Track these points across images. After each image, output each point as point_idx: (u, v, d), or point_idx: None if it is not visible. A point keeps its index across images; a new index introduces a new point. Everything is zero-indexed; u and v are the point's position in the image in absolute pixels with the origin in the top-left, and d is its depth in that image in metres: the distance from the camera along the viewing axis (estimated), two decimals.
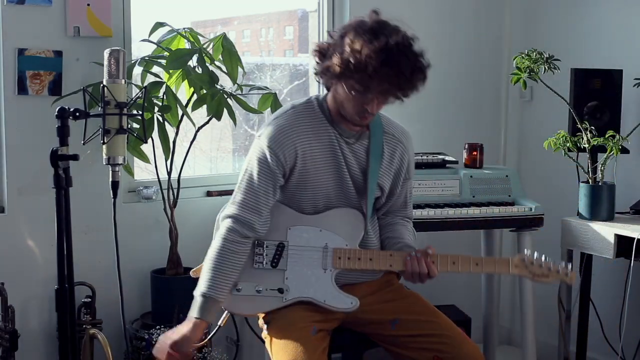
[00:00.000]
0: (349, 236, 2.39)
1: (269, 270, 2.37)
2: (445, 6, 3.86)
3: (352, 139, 2.40)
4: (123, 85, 2.53)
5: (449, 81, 3.86)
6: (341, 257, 2.36)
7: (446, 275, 3.89)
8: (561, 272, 2.41)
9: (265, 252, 2.37)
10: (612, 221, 3.08)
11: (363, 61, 2.18)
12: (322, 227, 2.39)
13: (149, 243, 3.27)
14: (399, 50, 2.19)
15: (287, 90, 3.76)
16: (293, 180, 2.38)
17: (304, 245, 2.38)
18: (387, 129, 2.47)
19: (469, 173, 3.25)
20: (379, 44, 2.18)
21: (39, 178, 2.97)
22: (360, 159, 2.41)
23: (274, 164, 2.32)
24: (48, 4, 2.98)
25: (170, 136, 3.08)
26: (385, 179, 2.46)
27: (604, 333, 3.40)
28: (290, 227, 2.39)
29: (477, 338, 3.59)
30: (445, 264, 2.39)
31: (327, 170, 2.38)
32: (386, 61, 2.17)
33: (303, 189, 2.39)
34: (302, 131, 2.36)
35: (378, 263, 2.37)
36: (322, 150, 2.37)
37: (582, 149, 3.11)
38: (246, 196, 2.34)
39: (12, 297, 2.86)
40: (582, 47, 3.61)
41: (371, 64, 2.17)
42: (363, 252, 2.38)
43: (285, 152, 2.33)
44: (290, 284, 2.36)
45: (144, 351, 3.00)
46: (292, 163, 2.35)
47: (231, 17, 3.73)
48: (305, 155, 2.35)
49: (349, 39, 2.22)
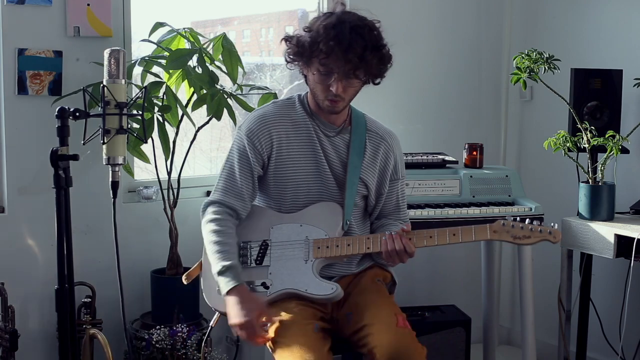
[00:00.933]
0: (328, 227, 2.46)
1: (254, 268, 2.44)
2: (446, 6, 3.86)
3: (332, 132, 2.48)
4: (123, 85, 2.53)
5: (449, 81, 3.86)
6: (320, 247, 2.42)
7: (446, 275, 3.93)
8: (543, 231, 2.34)
9: (250, 252, 2.45)
10: (612, 221, 3.08)
11: (315, 39, 2.30)
12: (302, 222, 2.46)
13: (149, 243, 3.27)
14: (351, 28, 2.30)
15: (287, 90, 3.75)
16: (271, 172, 2.46)
17: (286, 241, 2.45)
18: (370, 126, 2.54)
19: (469, 173, 3.25)
20: (330, 21, 2.31)
21: (39, 178, 2.97)
22: (340, 152, 2.48)
23: (252, 153, 2.44)
24: (48, 4, 2.98)
25: (170, 136, 3.08)
26: (369, 175, 2.50)
27: (604, 333, 3.41)
28: (273, 226, 2.47)
29: (477, 338, 3.60)
30: (422, 239, 2.39)
31: (306, 162, 2.46)
32: (336, 37, 2.28)
33: (283, 184, 2.47)
34: (279, 122, 2.46)
35: (356, 247, 2.41)
36: (300, 142, 2.46)
37: (582, 149, 3.11)
38: (227, 183, 2.46)
39: (12, 297, 2.86)
40: (582, 47, 3.61)
41: (322, 41, 2.28)
42: (341, 239, 2.43)
43: (262, 140, 2.44)
44: (273, 278, 2.42)
45: (144, 351, 3.00)
46: (269, 151, 2.45)
47: (231, 17, 3.73)
48: (281, 145, 2.44)
49: (310, 22, 2.37)
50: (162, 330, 2.98)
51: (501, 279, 4.03)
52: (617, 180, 3.19)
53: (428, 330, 3.17)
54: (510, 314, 4.06)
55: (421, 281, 3.84)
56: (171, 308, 3.07)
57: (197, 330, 3.06)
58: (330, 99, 2.37)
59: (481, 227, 2.37)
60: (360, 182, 2.48)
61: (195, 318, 3.16)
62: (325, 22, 2.31)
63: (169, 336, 2.97)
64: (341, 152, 2.48)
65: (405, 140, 2.77)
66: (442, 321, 3.26)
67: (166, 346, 2.96)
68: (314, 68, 2.36)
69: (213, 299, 2.46)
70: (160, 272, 3.18)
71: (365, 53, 2.30)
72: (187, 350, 2.97)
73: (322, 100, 2.39)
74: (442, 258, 3.90)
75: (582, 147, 3.10)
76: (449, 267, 3.93)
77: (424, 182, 3.20)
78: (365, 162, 2.49)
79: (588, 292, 3.33)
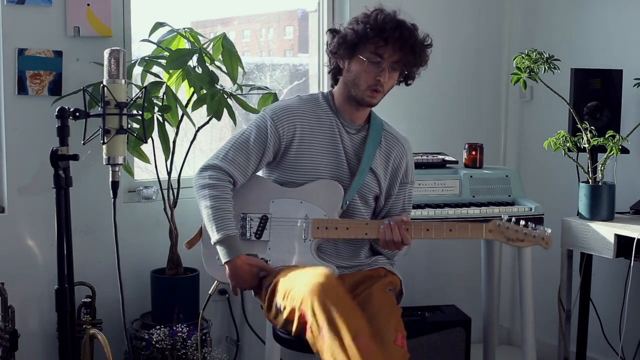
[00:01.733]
0: (328, 207, 2.49)
1: (253, 242, 2.48)
2: (446, 6, 3.86)
3: (353, 130, 2.54)
4: (123, 85, 2.53)
5: (449, 81, 3.86)
6: (319, 227, 2.47)
7: (446, 275, 3.93)
8: (537, 236, 2.43)
9: (249, 225, 2.49)
10: (612, 221, 3.08)
11: (379, 25, 2.39)
12: (303, 199, 2.49)
13: (149, 243, 3.27)
14: (407, 24, 2.45)
15: (287, 90, 3.76)
16: (288, 161, 2.50)
17: (286, 217, 2.49)
18: (386, 128, 2.62)
19: (469, 173, 3.25)
20: (387, 15, 2.42)
21: (39, 178, 2.97)
22: (357, 147, 2.54)
23: (271, 134, 2.47)
24: (48, 4, 2.98)
25: (170, 136, 3.08)
26: (379, 168, 2.55)
27: (604, 333, 3.41)
28: (274, 200, 2.51)
29: (477, 338, 3.60)
30: (419, 232, 2.45)
31: (325, 156, 2.51)
32: (397, 28, 2.40)
33: (298, 171, 2.50)
34: (304, 114, 2.51)
35: (355, 232, 2.46)
36: (323, 136, 2.51)
37: (582, 149, 3.11)
38: (236, 154, 2.48)
39: (12, 297, 2.86)
40: (582, 47, 3.61)
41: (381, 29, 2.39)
42: (340, 222, 2.48)
43: (285, 127, 2.48)
44: (272, 253, 2.47)
45: (144, 351, 3.00)
46: (289, 140, 2.48)
47: (231, 17, 3.73)
48: (303, 137, 2.49)
49: (361, 16, 2.45)
50: (162, 330, 2.98)
51: (501, 279, 4.03)
52: (617, 180, 3.19)
53: (428, 330, 3.17)
54: (510, 314, 4.06)
55: (421, 281, 3.84)
56: (171, 308, 3.07)
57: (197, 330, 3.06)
58: (373, 89, 2.44)
59: (477, 226, 2.44)
60: (370, 171, 2.53)
61: (195, 318, 3.16)
62: (383, 15, 2.42)
63: (169, 336, 2.97)
64: (358, 147, 2.54)
65: None
66: (442, 321, 3.26)
67: (166, 346, 2.96)
68: (363, 57, 2.42)
69: (211, 268, 2.50)
70: (160, 272, 3.18)
71: (417, 48, 2.44)
72: (187, 350, 2.97)
73: (364, 91, 2.45)
74: (442, 258, 3.91)
75: (582, 147, 3.10)
76: (449, 267, 3.93)
77: (424, 182, 3.20)
78: (378, 155, 2.55)
79: (588, 292, 3.33)
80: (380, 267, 2.58)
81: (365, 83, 2.44)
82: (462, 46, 3.91)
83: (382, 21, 2.40)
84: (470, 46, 3.94)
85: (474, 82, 3.96)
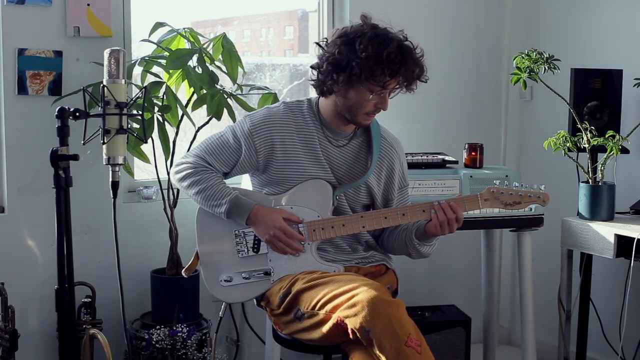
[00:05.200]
0: (319, 207, 2.47)
1: (252, 257, 2.46)
2: (446, 6, 3.86)
3: (344, 141, 2.50)
4: (123, 85, 2.53)
5: (449, 81, 3.86)
6: (316, 230, 2.45)
7: (446, 275, 3.92)
8: (533, 195, 2.42)
9: (244, 241, 2.47)
10: (612, 221, 3.08)
11: (385, 61, 2.29)
12: (292, 204, 2.47)
13: (149, 243, 3.27)
14: (412, 54, 2.36)
15: (287, 90, 3.76)
16: (274, 172, 2.46)
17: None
18: (382, 133, 2.57)
19: (469, 173, 3.25)
20: (395, 43, 2.32)
21: (39, 178, 2.97)
22: (350, 159, 2.50)
23: (246, 144, 2.44)
24: (48, 4, 2.98)
25: (170, 136, 3.08)
26: (374, 180, 2.52)
27: (604, 333, 3.40)
28: None
29: (477, 338, 3.60)
30: (416, 215, 2.43)
31: (308, 162, 2.46)
32: (404, 60, 2.32)
33: (285, 181, 2.47)
34: (284, 124, 2.47)
35: (352, 227, 2.45)
36: (302, 144, 2.46)
37: (582, 149, 3.11)
38: (211, 147, 2.49)
39: (12, 297, 2.86)
40: (582, 47, 3.61)
41: (393, 62, 2.30)
42: (335, 220, 2.45)
43: (263, 138, 2.45)
44: (274, 265, 2.45)
45: (144, 351, 3.00)
46: (268, 152, 2.45)
47: (231, 17, 3.73)
48: (285, 146, 2.45)
49: (360, 46, 2.30)
50: (162, 330, 2.98)
51: (501, 279, 4.03)
52: (617, 180, 3.19)
53: (428, 330, 3.17)
54: (510, 314, 4.06)
55: (421, 281, 3.84)
56: (171, 308, 3.07)
57: (197, 330, 3.06)
58: (372, 114, 2.41)
59: (472, 197, 2.43)
60: (363, 184, 2.51)
61: (195, 318, 3.16)
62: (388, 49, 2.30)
63: (169, 336, 2.97)
64: (350, 159, 2.51)
65: (405, 140, 2.77)
66: (442, 321, 3.26)
67: (166, 346, 2.96)
68: (364, 89, 2.35)
69: (215, 290, 2.48)
70: (160, 272, 3.18)
71: (417, 74, 2.39)
72: (187, 350, 2.97)
73: (362, 115, 2.41)
74: (442, 258, 3.89)
75: (582, 147, 3.10)
76: (449, 267, 3.93)
77: (424, 182, 3.19)
78: (375, 165, 2.52)
79: (588, 292, 3.33)
80: (381, 263, 2.58)
81: (363, 110, 2.40)
82: (462, 46, 3.91)
83: (388, 57, 2.30)
84: (470, 46, 3.94)
85: (474, 82, 3.96)
